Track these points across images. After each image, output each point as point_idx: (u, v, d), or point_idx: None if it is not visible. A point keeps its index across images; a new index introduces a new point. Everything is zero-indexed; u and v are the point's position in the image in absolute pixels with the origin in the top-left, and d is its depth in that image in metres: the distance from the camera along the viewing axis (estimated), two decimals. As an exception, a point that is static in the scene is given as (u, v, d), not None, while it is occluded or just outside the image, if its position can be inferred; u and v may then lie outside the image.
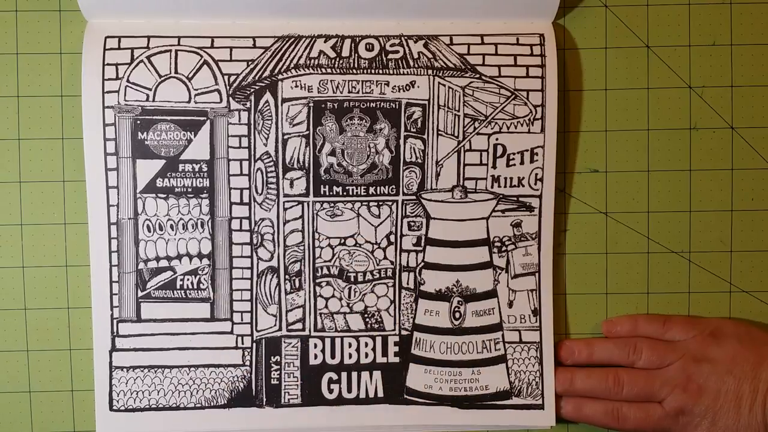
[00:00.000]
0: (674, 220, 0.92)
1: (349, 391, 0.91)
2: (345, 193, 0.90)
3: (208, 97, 0.88)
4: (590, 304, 0.93)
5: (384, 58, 0.89)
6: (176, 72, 0.88)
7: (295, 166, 0.89)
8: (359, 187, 0.90)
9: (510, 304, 0.91)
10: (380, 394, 0.91)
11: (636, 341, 0.90)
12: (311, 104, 0.89)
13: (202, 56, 0.88)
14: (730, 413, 0.86)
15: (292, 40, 0.89)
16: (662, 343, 0.90)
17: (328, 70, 0.89)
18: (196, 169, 0.89)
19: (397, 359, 0.91)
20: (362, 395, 0.91)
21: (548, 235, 0.91)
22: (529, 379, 0.91)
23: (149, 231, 0.89)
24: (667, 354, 0.89)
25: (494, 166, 0.90)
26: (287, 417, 0.90)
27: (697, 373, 0.87)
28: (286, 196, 0.89)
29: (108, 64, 0.88)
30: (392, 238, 0.90)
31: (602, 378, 0.89)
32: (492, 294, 0.91)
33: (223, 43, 0.88)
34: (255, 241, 0.90)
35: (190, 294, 0.90)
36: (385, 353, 0.91)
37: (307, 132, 0.89)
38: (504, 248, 0.91)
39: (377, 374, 0.91)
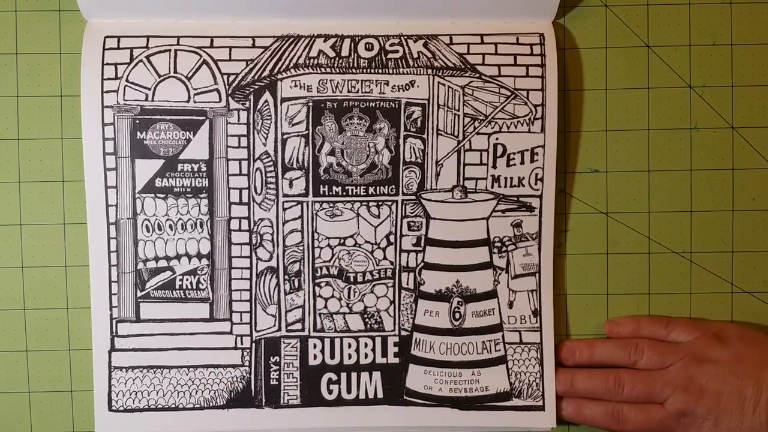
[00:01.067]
0: (675, 220, 0.92)
1: (349, 391, 0.90)
2: (344, 193, 0.89)
3: (208, 97, 0.88)
4: (591, 305, 0.93)
5: (383, 58, 0.89)
6: (175, 72, 0.88)
7: (295, 165, 0.89)
8: (359, 187, 0.89)
9: (510, 305, 0.91)
10: (380, 395, 0.91)
11: (637, 341, 0.89)
12: (310, 104, 0.89)
13: (201, 56, 0.88)
14: (733, 415, 0.86)
15: (292, 39, 0.89)
16: (664, 344, 0.89)
17: (328, 70, 0.89)
18: (195, 169, 0.89)
19: (396, 360, 0.91)
20: (362, 396, 0.91)
21: (549, 236, 0.91)
22: (529, 381, 0.91)
23: (148, 231, 0.89)
24: (669, 354, 0.88)
25: (494, 166, 0.90)
26: (286, 418, 0.90)
27: (699, 374, 0.87)
28: (285, 196, 0.89)
29: (107, 64, 0.88)
30: (392, 238, 0.90)
31: (603, 379, 0.89)
32: (492, 294, 0.91)
33: (222, 43, 0.88)
34: (254, 241, 0.90)
35: (189, 294, 0.89)
36: (384, 354, 0.91)
37: (307, 132, 0.89)
38: (504, 248, 0.91)
39: (377, 375, 0.91)
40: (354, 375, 0.90)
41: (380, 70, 0.89)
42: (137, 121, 0.88)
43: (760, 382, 0.86)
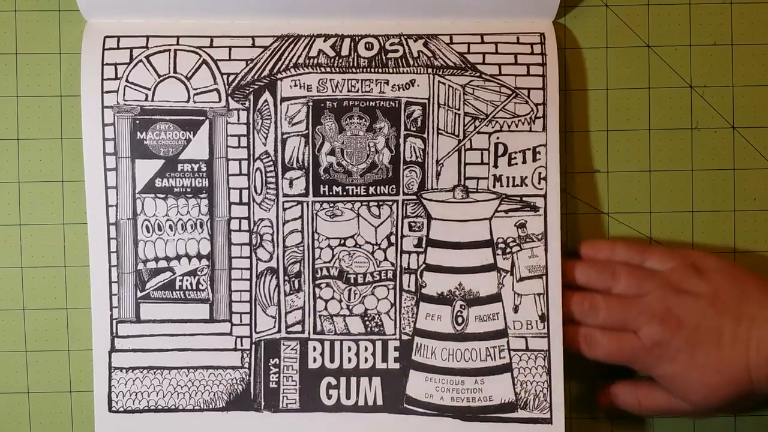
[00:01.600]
0: (676, 220, 0.92)
1: (348, 397, 0.90)
2: (345, 193, 0.89)
3: (207, 97, 0.88)
4: (594, 308, 0.92)
5: (383, 57, 0.89)
6: (175, 72, 0.88)
7: (295, 165, 0.89)
8: (359, 187, 0.89)
9: (515, 309, 0.90)
10: (379, 401, 0.90)
11: (615, 266, 0.88)
12: (310, 103, 0.89)
13: (201, 56, 0.88)
14: (711, 348, 0.83)
15: (292, 39, 0.89)
16: (641, 270, 0.87)
17: (328, 69, 0.89)
18: (195, 169, 0.89)
19: (397, 365, 0.90)
20: (361, 402, 0.90)
21: (555, 236, 0.89)
22: (536, 391, 0.89)
23: (148, 231, 0.89)
24: (646, 282, 0.86)
25: (495, 166, 0.89)
26: (285, 422, 0.89)
27: (677, 305, 0.84)
28: (285, 196, 0.89)
29: (107, 64, 0.88)
30: (393, 239, 0.90)
31: (578, 302, 0.87)
32: (496, 298, 0.90)
33: (222, 43, 0.89)
34: (254, 242, 0.89)
35: (189, 295, 0.89)
36: (385, 359, 0.90)
37: (307, 131, 0.89)
38: (508, 250, 0.89)
39: (377, 380, 0.90)
40: (354, 380, 0.89)
41: (380, 70, 0.89)
42: (137, 122, 0.88)
43: (739, 316, 0.83)
